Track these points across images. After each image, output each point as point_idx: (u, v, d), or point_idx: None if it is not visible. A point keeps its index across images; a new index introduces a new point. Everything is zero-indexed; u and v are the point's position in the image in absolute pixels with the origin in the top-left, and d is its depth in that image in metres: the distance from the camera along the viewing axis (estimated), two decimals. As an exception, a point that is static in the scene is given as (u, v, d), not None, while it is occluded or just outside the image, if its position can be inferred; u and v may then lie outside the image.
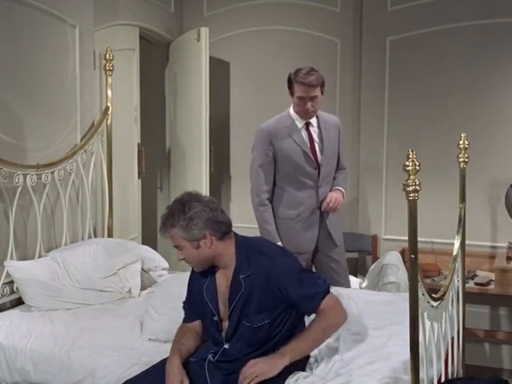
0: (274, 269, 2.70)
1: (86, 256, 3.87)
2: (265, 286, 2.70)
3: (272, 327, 2.72)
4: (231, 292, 2.74)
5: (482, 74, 4.81)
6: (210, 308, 2.80)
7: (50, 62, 4.05)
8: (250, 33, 5.49)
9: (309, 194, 4.03)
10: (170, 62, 5.68)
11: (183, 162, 5.45)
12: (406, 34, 4.98)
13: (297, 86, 3.89)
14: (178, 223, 2.66)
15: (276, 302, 2.71)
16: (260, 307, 2.71)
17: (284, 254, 2.85)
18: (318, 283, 2.76)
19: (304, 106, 3.92)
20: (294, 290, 2.69)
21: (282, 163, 4.02)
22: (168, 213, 2.71)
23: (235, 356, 2.75)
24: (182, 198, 2.76)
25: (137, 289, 3.90)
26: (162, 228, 2.73)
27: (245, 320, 2.72)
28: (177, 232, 2.67)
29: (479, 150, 4.47)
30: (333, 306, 2.74)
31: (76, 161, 4.22)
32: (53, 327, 3.33)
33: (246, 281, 2.71)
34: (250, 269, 2.72)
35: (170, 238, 2.71)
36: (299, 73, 3.88)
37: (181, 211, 2.67)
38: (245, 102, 5.58)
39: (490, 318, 4.84)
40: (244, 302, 2.72)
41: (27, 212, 3.87)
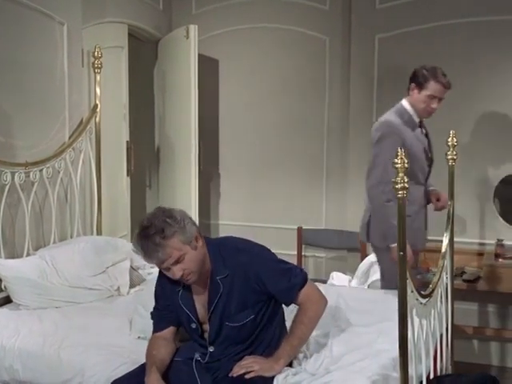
0: (251, 264, 2.70)
1: (74, 254, 3.86)
2: (244, 284, 2.70)
3: (255, 322, 2.73)
4: (210, 295, 2.73)
5: (471, 72, 4.83)
6: (187, 315, 2.78)
7: (38, 59, 4.03)
8: (239, 30, 5.49)
9: (422, 191, 3.95)
10: (158, 60, 5.67)
11: (172, 159, 5.44)
12: (394, 31, 4.99)
13: (434, 84, 3.82)
14: (177, 229, 2.60)
15: (257, 297, 2.72)
16: (242, 306, 2.71)
17: (259, 247, 2.83)
18: (295, 274, 2.77)
19: (430, 105, 3.87)
20: (271, 283, 2.70)
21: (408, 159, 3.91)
22: (159, 229, 2.57)
23: (222, 356, 2.76)
24: (158, 212, 2.68)
25: (126, 287, 3.90)
26: (160, 247, 2.56)
27: (227, 321, 2.72)
28: (177, 239, 2.59)
29: (468, 147, 4.49)
30: (311, 296, 2.76)
31: (64, 159, 4.21)
32: (41, 326, 3.32)
33: (223, 281, 2.71)
34: (227, 268, 2.71)
35: (168, 254, 2.58)
36: (438, 72, 3.82)
37: (171, 218, 2.63)
38: (234, 100, 5.58)
39: (479, 314, 4.86)
40: (224, 303, 2.71)
41: (15, 210, 3.86)
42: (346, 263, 5.27)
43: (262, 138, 5.52)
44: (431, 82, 3.83)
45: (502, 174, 4.72)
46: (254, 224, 5.43)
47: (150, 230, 2.58)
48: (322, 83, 5.24)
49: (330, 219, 5.35)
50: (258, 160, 5.55)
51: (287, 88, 5.39)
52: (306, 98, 5.34)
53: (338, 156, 5.28)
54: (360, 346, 2.94)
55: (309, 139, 5.38)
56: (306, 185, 5.42)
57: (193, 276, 2.67)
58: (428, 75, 3.85)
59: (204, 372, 2.74)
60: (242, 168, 5.62)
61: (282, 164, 5.48)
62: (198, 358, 2.77)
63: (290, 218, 5.43)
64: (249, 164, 5.59)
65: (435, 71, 3.84)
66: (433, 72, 3.85)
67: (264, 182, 5.54)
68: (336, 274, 4.65)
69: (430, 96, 3.85)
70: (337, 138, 5.26)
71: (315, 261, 5.45)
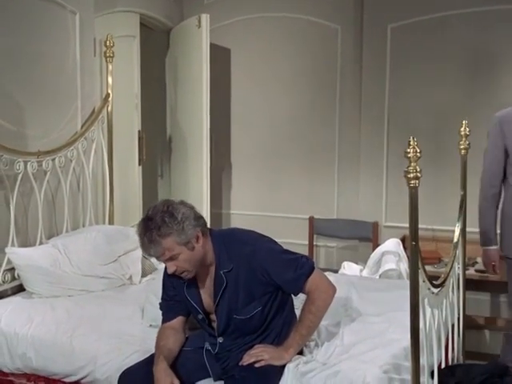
0: (255, 256, 2.69)
1: (86, 243, 3.87)
2: (250, 276, 2.69)
3: (264, 313, 2.73)
4: (215, 288, 2.73)
5: (484, 61, 4.80)
6: (193, 306, 2.80)
7: (50, 49, 4.04)
8: (251, 19, 5.47)
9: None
10: (170, 49, 5.66)
11: (184, 149, 5.45)
12: (407, 20, 4.96)
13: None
14: (173, 229, 2.58)
15: (263, 289, 2.71)
16: (248, 298, 2.71)
17: (263, 239, 2.81)
18: (302, 263, 2.74)
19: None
20: (277, 274, 2.69)
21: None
22: (157, 225, 2.57)
23: (231, 346, 2.77)
24: (162, 206, 2.63)
25: (138, 276, 3.91)
26: (154, 244, 2.57)
27: (235, 314, 2.72)
28: (172, 240, 2.58)
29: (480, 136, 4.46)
30: (319, 285, 2.74)
31: (77, 148, 4.22)
32: (54, 314, 3.34)
33: (227, 275, 2.70)
34: (232, 262, 2.69)
35: (160, 252, 2.59)
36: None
37: (171, 218, 2.59)
38: (245, 89, 5.57)
39: (491, 305, 4.85)
40: (230, 297, 2.71)
41: (28, 199, 3.87)
42: (358, 253, 5.26)
43: (274, 128, 5.52)
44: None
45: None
46: (265, 213, 5.44)
47: (150, 223, 2.59)
48: (333, 72, 5.22)
49: (342, 209, 5.35)
50: (270, 149, 5.55)
51: (299, 77, 5.38)
52: (317, 87, 5.32)
53: (350, 145, 5.27)
54: (371, 336, 2.94)
55: (320, 128, 5.37)
56: (317, 174, 5.41)
57: (187, 274, 2.68)
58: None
59: (214, 361, 2.76)
60: (254, 157, 5.61)
61: (293, 154, 5.47)
62: (208, 348, 2.79)
63: (301, 208, 5.43)
64: (260, 153, 5.59)
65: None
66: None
67: (275, 172, 5.54)
68: (347, 264, 4.64)
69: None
70: (349, 127, 5.25)
71: (327, 250, 5.45)
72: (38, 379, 3.11)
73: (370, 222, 5.12)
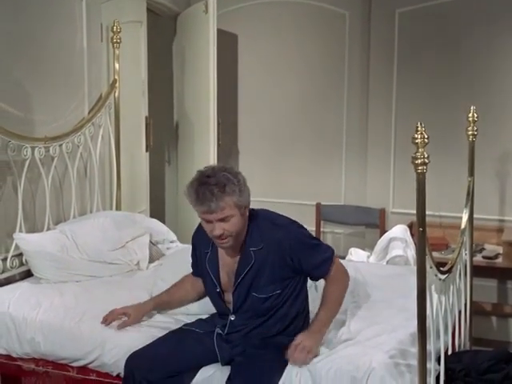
0: (288, 240, 2.73)
1: (94, 229, 3.88)
2: (278, 259, 2.73)
3: (280, 296, 2.76)
4: (240, 264, 2.76)
5: (492, 46, 4.77)
6: (212, 279, 2.84)
7: (57, 34, 4.03)
8: (258, 5, 5.45)
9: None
10: (177, 35, 5.65)
11: (191, 135, 5.44)
12: (415, 5, 4.94)
13: None
14: (236, 189, 2.64)
15: (287, 273, 2.75)
16: (271, 279, 2.74)
17: (294, 224, 2.86)
18: (325, 249, 2.85)
19: None
20: (307, 259, 2.75)
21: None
22: (221, 182, 2.61)
23: (242, 327, 2.79)
24: (222, 167, 2.71)
25: (145, 261, 3.92)
26: (216, 198, 2.58)
27: (254, 292, 2.75)
28: (232, 199, 2.63)
29: (488, 123, 4.45)
30: (339, 271, 2.86)
31: (84, 134, 4.22)
32: (62, 299, 3.35)
33: (256, 254, 2.74)
34: (262, 242, 2.74)
35: (221, 208, 2.60)
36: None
37: (234, 178, 2.66)
38: (253, 75, 5.56)
39: (498, 291, 4.84)
40: (254, 275, 2.74)
41: (35, 185, 3.88)
42: (365, 239, 5.26)
43: (281, 114, 5.51)
44: None
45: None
46: (272, 200, 5.42)
47: (211, 179, 2.61)
48: (341, 58, 5.20)
49: (349, 195, 5.35)
50: (277, 136, 5.54)
51: (306, 63, 5.36)
52: (325, 72, 5.31)
53: (358, 131, 5.26)
54: (378, 322, 2.95)
55: (328, 114, 5.36)
56: (324, 160, 5.41)
57: (229, 240, 2.71)
58: None
59: (223, 345, 2.77)
60: (261, 144, 5.61)
61: (300, 140, 5.47)
62: (219, 332, 2.81)
63: (308, 194, 5.43)
64: (267, 140, 5.58)
65: None
66: None
67: (283, 158, 5.54)
68: (354, 250, 4.65)
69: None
70: (356, 114, 5.23)
71: (334, 237, 5.45)
72: (47, 364, 3.13)
73: (377, 208, 5.12)
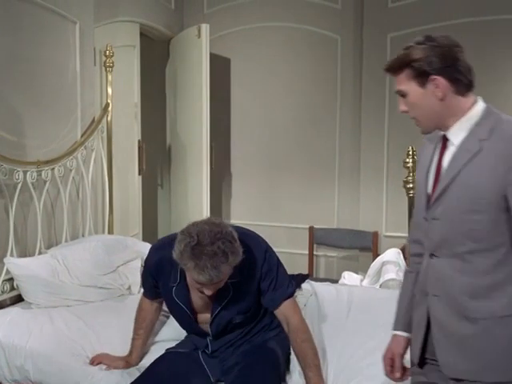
0: (264, 265, 2.72)
1: (86, 253, 3.86)
2: (252, 283, 2.72)
3: (257, 313, 2.81)
4: (217, 296, 2.70)
5: (483, 71, 4.77)
6: (181, 309, 2.80)
7: (50, 58, 4.04)
8: (251, 29, 5.49)
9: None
10: (170, 59, 5.67)
11: (184, 158, 5.45)
12: (406, 30, 4.97)
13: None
14: (236, 258, 2.52)
15: (259, 296, 2.76)
16: (249, 305, 2.75)
17: (269, 246, 2.82)
18: (288, 284, 2.78)
19: None
20: (268, 284, 2.72)
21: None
22: (218, 252, 2.46)
23: (224, 343, 2.80)
24: (219, 232, 2.51)
25: (136, 286, 3.89)
26: (217, 272, 2.46)
27: (234, 319, 2.76)
28: (231, 267, 2.53)
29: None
30: (297, 310, 2.79)
31: (76, 157, 4.21)
32: (52, 326, 3.31)
33: (234, 284, 2.69)
34: (241, 272, 2.65)
35: (218, 279, 2.51)
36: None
37: (231, 244, 2.51)
38: (245, 99, 5.58)
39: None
40: (232, 305, 2.72)
41: (27, 209, 3.86)
42: (358, 263, 5.25)
43: (274, 137, 5.52)
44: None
45: None
46: (265, 223, 5.43)
47: (210, 249, 2.46)
48: (333, 82, 5.23)
49: (342, 218, 5.34)
50: (270, 159, 5.55)
51: (299, 87, 5.38)
52: (317, 97, 5.33)
53: (350, 155, 5.27)
54: (373, 348, 2.92)
55: (321, 138, 5.37)
56: (317, 184, 5.41)
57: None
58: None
59: (212, 363, 2.77)
60: (254, 167, 5.61)
61: (293, 163, 5.47)
62: (204, 350, 2.81)
63: (301, 218, 5.42)
64: (260, 163, 5.59)
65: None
66: None
67: (276, 182, 5.54)
68: (348, 274, 4.63)
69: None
70: (349, 138, 5.25)
71: (327, 260, 5.44)
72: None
73: (370, 231, 5.12)
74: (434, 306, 2.06)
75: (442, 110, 1.99)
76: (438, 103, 1.98)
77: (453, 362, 2.03)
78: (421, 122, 2.06)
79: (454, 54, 2.00)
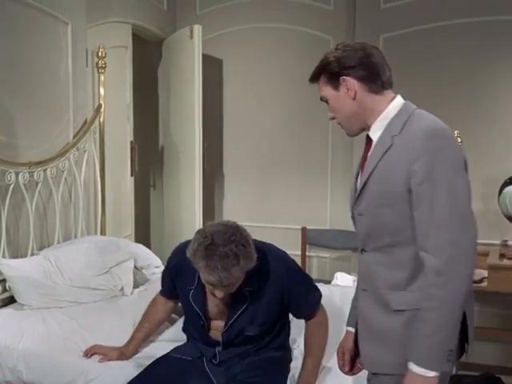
0: (287, 274, 2.71)
1: (78, 254, 3.86)
2: (273, 296, 2.69)
3: (271, 328, 2.76)
4: (233, 305, 2.71)
5: (475, 72, 4.82)
6: (198, 314, 2.78)
7: (42, 59, 4.03)
8: (243, 30, 5.49)
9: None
10: (163, 60, 5.67)
11: (176, 159, 5.44)
12: (399, 31, 4.99)
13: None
14: (248, 262, 2.52)
15: (279, 309, 2.74)
16: (265, 318, 2.72)
17: (289, 257, 2.85)
18: (316, 288, 2.83)
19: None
20: (299, 293, 2.73)
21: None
22: (230, 254, 2.46)
23: (232, 355, 2.77)
24: (233, 233, 2.52)
25: (129, 287, 3.89)
26: (227, 273, 2.46)
27: (247, 331, 2.72)
28: (243, 271, 2.52)
29: (472, 147, 4.47)
30: (324, 314, 2.82)
31: (68, 158, 4.21)
32: (45, 326, 3.31)
33: (251, 294, 2.68)
34: (258, 282, 2.66)
35: (228, 281, 2.50)
36: None
37: (244, 248, 2.51)
38: (238, 100, 5.58)
39: (483, 315, 4.84)
40: (247, 315, 2.70)
41: (19, 210, 3.85)
42: (351, 263, 5.26)
43: (266, 138, 5.52)
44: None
45: (506, 173, 4.70)
46: (258, 224, 5.43)
47: (223, 250, 2.46)
48: (326, 83, 5.23)
49: (335, 219, 5.35)
50: (262, 160, 5.55)
51: (291, 88, 5.39)
52: (309, 97, 5.29)
53: (343, 155, 5.28)
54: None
55: (313, 138, 5.38)
56: (310, 185, 5.42)
57: (226, 296, 2.65)
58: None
59: (217, 371, 2.74)
60: (246, 168, 5.62)
61: (286, 164, 5.48)
62: (209, 359, 2.78)
63: (294, 218, 5.43)
64: (253, 164, 5.59)
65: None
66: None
67: (268, 182, 5.54)
68: (340, 275, 4.63)
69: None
70: (341, 138, 5.25)
71: (319, 261, 5.45)
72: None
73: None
74: (362, 300, 2.15)
75: (358, 110, 2.08)
76: (352, 103, 2.07)
77: (375, 356, 2.09)
78: (343, 125, 2.15)
79: (364, 55, 2.09)
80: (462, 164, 1.97)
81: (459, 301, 1.89)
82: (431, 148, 1.91)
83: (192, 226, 5.07)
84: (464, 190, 1.94)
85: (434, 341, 1.90)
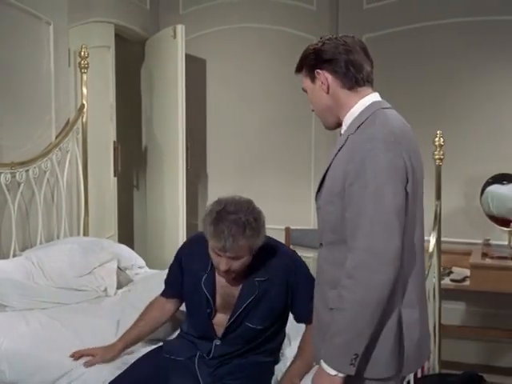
0: (294, 268, 2.73)
1: (61, 255, 3.84)
2: (280, 289, 2.70)
3: (270, 327, 2.75)
4: (243, 293, 2.70)
5: (457, 72, 4.85)
6: (206, 299, 2.75)
7: (24, 59, 4.01)
8: (227, 30, 5.48)
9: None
10: (146, 60, 5.65)
11: (160, 160, 5.43)
12: (382, 31, 5.00)
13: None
14: (255, 233, 2.57)
15: (284, 306, 2.73)
16: (269, 312, 2.71)
17: (297, 254, 2.88)
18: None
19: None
20: (303, 292, 2.68)
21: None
22: (240, 222, 2.52)
23: (227, 351, 2.74)
24: (247, 205, 2.61)
25: (113, 288, 3.87)
26: (233, 239, 2.51)
27: (248, 322, 2.71)
28: (248, 243, 2.55)
29: (455, 147, 4.50)
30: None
31: (51, 159, 4.19)
32: (28, 327, 3.29)
33: (261, 284, 2.69)
34: (267, 273, 2.69)
35: (234, 250, 2.53)
36: None
37: (255, 221, 2.57)
38: (221, 99, 5.58)
39: (466, 314, 4.87)
40: (253, 305, 2.70)
41: (1, 211, 3.84)
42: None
43: (250, 138, 5.52)
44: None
45: (488, 172, 4.73)
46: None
47: (233, 217, 2.53)
48: (309, 83, 5.24)
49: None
50: (246, 160, 5.55)
51: (274, 88, 5.39)
52: (293, 97, 5.33)
53: (326, 155, 5.27)
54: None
55: (296, 138, 5.38)
56: (294, 184, 5.42)
57: (234, 275, 2.66)
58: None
59: (205, 369, 2.72)
60: (230, 168, 5.61)
61: (269, 164, 5.48)
62: (202, 354, 2.76)
63: (277, 218, 5.40)
64: (236, 164, 5.58)
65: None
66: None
67: (252, 182, 5.53)
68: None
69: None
70: (324, 137, 5.25)
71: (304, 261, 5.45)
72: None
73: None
74: (315, 294, 2.17)
75: (332, 104, 2.09)
76: (327, 97, 2.09)
77: (317, 348, 2.11)
78: (320, 117, 2.18)
79: (344, 50, 2.07)
80: (395, 172, 1.91)
81: (369, 307, 1.87)
82: (366, 151, 1.90)
83: (175, 226, 5.06)
84: (392, 197, 1.89)
85: (339, 341, 1.91)
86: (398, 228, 1.89)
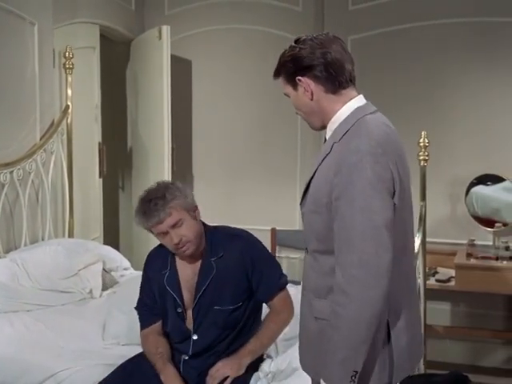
0: (247, 248, 2.77)
1: (46, 256, 3.82)
2: (238, 268, 2.73)
3: (241, 311, 2.74)
4: (201, 275, 2.73)
5: (442, 73, 4.87)
6: (173, 299, 2.76)
7: (8, 60, 3.99)
8: (212, 31, 5.47)
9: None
10: (131, 61, 5.63)
11: (145, 161, 5.41)
12: (367, 33, 5.01)
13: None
14: (177, 194, 2.70)
15: (247, 285, 2.75)
16: (233, 290, 2.72)
17: (253, 236, 2.91)
18: (281, 274, 2.86)
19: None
20: (261, 272, 2.75)
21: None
22: (161, 194, 2.69)
23: (207, 344, 2.73)
24: (165, 182, 2.87)
25: (98, 289, 3.87)
26: (161, 207, 2.64)
27: (217, 305, 2.71)
28: (175, 202, 2.68)
29: (439, 148, 4.52)
30: (286, 304, 2.83)
31: (35, 160, 4.17)
32: (13, 329, 3.28)
33: (217, 263, 2.73)
34: (223, 250, 2.75)
35: (168, 214, 2.65)
36: None
37: (173, 185, 2.78)
38: (207, 100, 5.57)
39: (451, 314, 4.89)
40: (215, 286, 2.71)
41: (-15, 212, 3.81)
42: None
43: (235, 139, 5.52)
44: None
45: (473, 173, 4.75)
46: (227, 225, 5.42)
47: (150, 194, 2.71)
48: (295, 84, 5.24)
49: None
50: (231, 161, 5.55)
51: (260, 89, 5.39)
52: (279, 98, 5.27)
53: (312, 156, 5.29)
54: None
55: (282, 139, 5.38)
56: (279, 185, 5.42)
57: (190, 246, 2.70)
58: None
59: (190, 372, 2.72)
60: (216, 169, 5.60)
61: (255, 165, 5.48)
62: (185, 358, 2.75)
63: (263, 219, 5.42)
64: (222, 165, 5.58)
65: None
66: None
67: (237, 183, 5.54)
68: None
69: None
70: (310, 138, 5.26)
71: (289, 262, 5.45)
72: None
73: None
74: (301, 301, 2.13)
75: (317, 109, 2.04)
76: (311, 103, 2.03)
77: (303, 357, 2.11)
78: (306, 120, 2.13)
79: (321, 53, 2.01)
80: (383, 184, 1.86)
81: (364, 323, 1.84)
82: (353, 164, 1.85)
83: (161, 227, 5.05)
84: (380, 211, 1.84)
85: (336, 359, 1.87)
86: (389, 241, 1.85)
